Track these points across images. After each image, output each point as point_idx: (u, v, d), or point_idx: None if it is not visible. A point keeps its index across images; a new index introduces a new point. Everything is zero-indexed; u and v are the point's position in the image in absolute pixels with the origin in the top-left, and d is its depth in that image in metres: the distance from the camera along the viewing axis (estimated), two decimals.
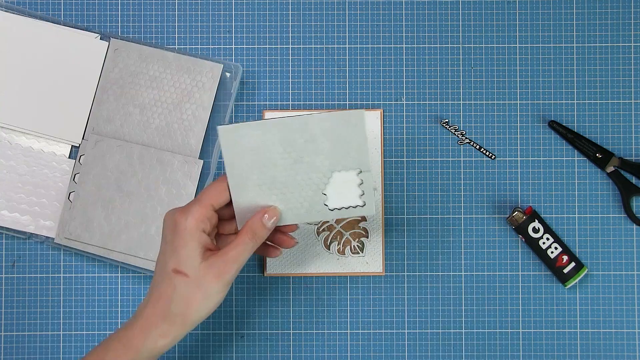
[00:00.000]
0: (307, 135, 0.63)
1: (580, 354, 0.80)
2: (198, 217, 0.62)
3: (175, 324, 0.62)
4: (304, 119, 0.63)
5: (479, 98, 0.81)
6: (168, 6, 0.81)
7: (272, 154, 0.63)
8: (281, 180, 0.64)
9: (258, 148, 0.63)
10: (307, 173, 0.64)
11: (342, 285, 0.80)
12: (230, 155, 0.63)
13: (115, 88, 0.79)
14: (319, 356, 0.80)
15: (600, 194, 0.80)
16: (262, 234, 0.64)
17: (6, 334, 0.80)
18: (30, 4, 0.81)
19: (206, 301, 0.62)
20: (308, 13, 0.81)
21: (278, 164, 0.64)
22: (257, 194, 0.64)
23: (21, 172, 0.79)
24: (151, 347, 0.62)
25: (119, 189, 0.78)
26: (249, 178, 0.64)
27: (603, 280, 0.80)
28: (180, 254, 0.62)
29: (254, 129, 0.63)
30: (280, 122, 0.63)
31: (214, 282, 0.61)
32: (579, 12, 0.81)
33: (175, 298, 0.62)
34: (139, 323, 0.63)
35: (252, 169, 0.64)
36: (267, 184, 0.64)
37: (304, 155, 0.64)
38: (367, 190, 0.65)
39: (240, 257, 0.62)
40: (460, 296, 0.80)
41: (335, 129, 0.63)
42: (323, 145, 0.63)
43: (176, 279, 0.62)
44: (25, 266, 0.80)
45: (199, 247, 0.62)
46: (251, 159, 0.63)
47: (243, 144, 0.63)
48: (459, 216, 0.80)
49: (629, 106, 0.81)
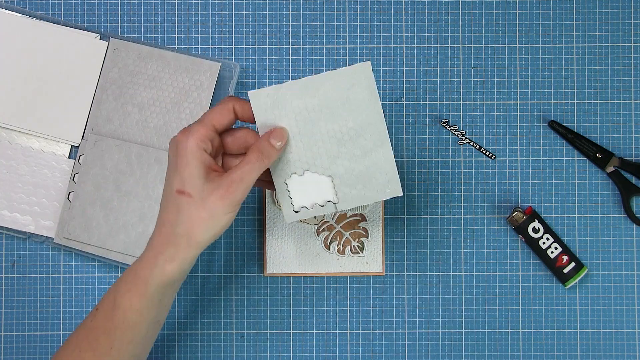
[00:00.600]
0: (322, 97, 0.63)
1: (580, 354, 0.79)
2: (199, 136, 0.60)
3: (181, 246, 0.61)
4: (315, 78, 0.62)
5: (479, 98, 0.81)
6: (168, 6, 0.81)
7: (294, 121, 0.63)
8: (308, 152, 0.64)
9: (282, 110, 0.63)
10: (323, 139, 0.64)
11: (342, 285, 0.80)
12: (261, 118, 0.63)
13: (115, 88, 0.79)
14: (319, 356, 0.80)
15: (600, 194, 0.80)
16: (270, 154, 0.62)
17: (6, 334, 0.80)
18: (30, 4, 0.81)
19: (212, 221, 0.60)
20: (308, 13, 0.81)
21: (300, 128, 0.63)
22: (286, 164, 0.64)
23: (21, 172, 0.79)
24: (159, 274, 0.61)
25: (118, 188, 0.78)
26: (283, 154, 0.64)
27: (603, 280, 0.80)
28: (183, 174, 0.60)
29: (274, 91, 0.62)
30: (292, 84, 0.63)
31: (219, 202, 0.60)
32: (579, 12, 0.81)
33: (180, 219, 0.60)
34: (146, 252, 0.62)
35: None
36: (293, 153, 0.64)
37: (320, 119, 0.63)
38: (389, 165, 0.64)
39: (246, 176, 0.60)
40: (460, 296, 0.80)
41: (344, 89, 0.63)
42: (336, 107, 0.63)
43: (180, 199, 0.60)
44: (25, 266, 0.80)
45: (202, 167, 0.60)
46: (277, 121, 0.63)
47: (270, 107, 0.63)
48: (459, 216, 0.80)
49: (629, 106, 0.80)
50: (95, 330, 0.64)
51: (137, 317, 0.63)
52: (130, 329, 0.63)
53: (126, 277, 0.63)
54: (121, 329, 0.63)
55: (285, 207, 0.65)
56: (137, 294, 0.62)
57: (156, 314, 0.64)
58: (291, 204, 0.65)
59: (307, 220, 0.79)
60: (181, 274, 0.63)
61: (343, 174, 0.64)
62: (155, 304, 0.63)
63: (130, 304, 0.62)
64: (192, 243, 0.61)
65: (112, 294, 0.64)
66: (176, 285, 0.64)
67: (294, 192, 0.65)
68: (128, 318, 0.63)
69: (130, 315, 0.63)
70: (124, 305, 0.62)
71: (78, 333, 0.65)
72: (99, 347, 0.64)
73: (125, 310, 0.63)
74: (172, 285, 0.63)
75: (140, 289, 0.62)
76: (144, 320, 0.63)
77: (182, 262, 0.61)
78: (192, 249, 0.61)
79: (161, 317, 0.66)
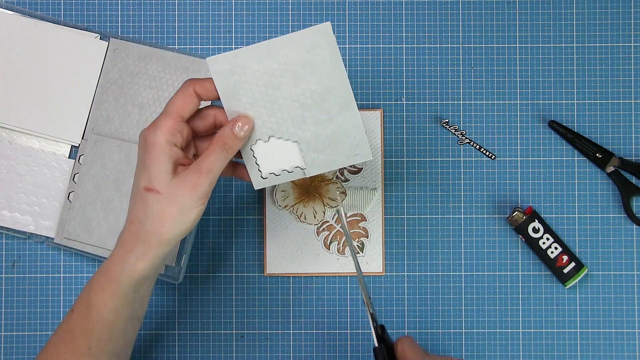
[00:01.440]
0: (282, 61, 0.61)
1: (580, 354, 0.79)
2: (166, 130, 0.59)
3: (151, 244, 0.60)
4: (274, 42, 0.60)
5: (479, 98, 0.81)
6: (168, 6, 0.81)
7: (255, 87, 0.62)
8: (272, 118, 0.63)
9: (242, 76, 0.61)
10: (286, 105, 0.63)
11: (342, 285, 0.80)
12: (222, 85, 0.61)
13: (115, 88, 0.79)
14: (319, 356, 0.80)
15: (600, 194, 0.80)
16: (233, 144, 0.61)
17: (6, 334, 0.80)
18: (30, 4, 0.81)
19: (181, 216, 0.59)
20: (308, 13, 0.81)
21: (262, 93, 0.62)
22: (255, 136, 0.63)
23: (21, 172, 0.79)
24: (130, 272, 0.61)
25: (118, 188, 0.78)
26: (239, 102, 0.62)
27: (603, 280, 0.80)
28: (150, 171, 0.59)
29: (233, 57, 0.61)
30: (252, 48, 0.61)
31: (187, 195, 0.59)
32: (579, 12, 0.81)
33: (148, 216, 0.59)
34: (116, 250, 0.62)
35: (240, 96, 0.62)
36: (262, 124, 0.63)
37: (282, 84, 0.62)
38: (357, 128, 0.63)
39: (212, 167, 0.59)
40: (460, 296, 0.80)
41: (305, 51, 0.61)
42: (297, 71, 0.61)
43: (148, 196, 0.59)
44: (25, 266, 0.80)
45: (170, 162, 0.59)
46: (238, 87, 0.62)
47: (229, 72, 0.61)
48: (459, 216, 0.80)
49: (629, 106, 0.81)
50: (72, 331, 0.64)
51: (112, 315, 0.62)
52: (107, 328, 0.63)
53: (98, 276, 0.62)
54: (98, 328, 0.63)
55: (253, 174, 0.64)
56: (110, 293, 0.62)
57: (132, 311, 0.64)
58: (259, 171, 0.64)
59: (307, 220, 0.79)
60: (153, 270, 0.62)
61: (310, 139, 0.63)
62: (130, 301, 0.62)
63: (105, 303, 0.62)
64: (163, 240, 0.60)
65: (86, 294, 0.63)
66: (149, 280, 0.63)
67: (260, 158, 0.64)
68: (104, 317, 0.62)
69: (105, 315, 0.62)
70: (99, 304, 0.62)
71: (56, 335, 0.65)
72: (76, 347, 0.63)
73: (100, 310, 0.62)
74: (145, 281, 0.63)
75: (113, 288, 0.61)
76: (120, 319, 0.63)
77: (154, 259, 0.61)
78: (163, 246, 0.60)
79: (138, 312, 0.65)
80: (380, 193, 0.80)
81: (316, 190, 0.79)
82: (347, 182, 0.80)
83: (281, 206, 0.79)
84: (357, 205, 0.79)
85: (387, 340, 0.64)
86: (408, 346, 0.62)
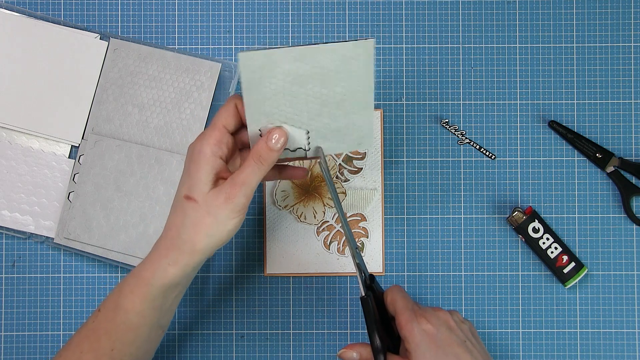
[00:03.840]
0: (316, 65, 0.61)
1: (580, 354, 0.79)
2: (212, 141, 0.61)
3: (185, 252, 0.61)
4: (314, 49, 0.60)
5: (479, 98, 0.81)
6: (168, 6, 0.81)
7: (281, 82, 0.61)
8: (290, 109, 0.63)
9: (271, 72, 0.61)
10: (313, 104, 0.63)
11: (342, 285, 0.80)
12: (247, 77, 0.61)
13: (115, 88, 0.79)
14: (319, 356, 0.80)
15: (600, 194, 0.80)
16: (268, 157, 0.61)
17: (6, 334, 0.80)
18: (30, 4, 0.81)
19: (216, 227, 0.61)
20: (308, 13, 0.81)
21: (286, 89, 0.62)
22: (265, 116, 0.63)
23: (21, 172, 0.79)
24: (161, 276, 0.62)
25: (118, 188, 0.78)
26: (259, 101, 0.62)
27: (603, 280, 0.80)
28: (192, 179, 0.61)
29: (266, 56, 0.60)
30: (289, 50, 0.60)
31: (222, 206, 0.60)
32: (579, 12, 0.81)
33: (185, 224, 0.61)
34: (150, 255, 0.63)
35: (263, 88, 0.61)
36: (278, 113, 0.63)
37: (309, 83, 0.61)
38: (367, 126, 0.64)
39: (246, 180, 0.60)
40: (460, 296, 0.80)
41: (341, 60, 0.61)
42: (328, 75, 0.61)
43: (187, 205, 0.61)
44: (25, 266, 0.80)
45: (212, 173, 0.61)
46: (263, 80, 0.61)
47: (259, 68, 0.60)
48: (459, 216, 0.80)
49: (629, 106, 0.81)
50: (97, 331, 0.64)
51: (138, 318, 0.63)
52: (131, 331, 0.63)
53: (129, 278, 0.63)
54: (123, 330, 0.63)
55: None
56: (139, 295, 0.62)
57: (158, 317, 0.64)
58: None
59: (307, 220, 0.79)
60: (184, 278, 0.63)
61: (320, 129, 0.64)
62: (157, 306, 0.63)
63: (133, 305, 0.63)
64: (196, 249, 0.61)
65: (115, 295, 0.64)
66: (179, 289, 0.64)
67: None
68: (130, 319, 0.63)
69: (132, 317, 0.63)
70: (126, 306, 0.63)
71: (80, 333, 0.65)
72: (100, 348, 0.64)
73: (127, 311, 0.63)
74: (175, 289, 0.63)
75: (143, 291, 0.62)
76: (145, 323, 0.64)
77: (185, 267, 0.62)
78: (196, 255, 0.61)
79: (163, 321, 0.66)
80: (380, 193, 0.80)
81: (316, 190, 0.79)
82: (347, 182, 0.80)
83: (281, 206, 0.79)
84: (357, 205, 0.79)
85: (376, 290, 0.64)
86: (398, 296, 0.63)
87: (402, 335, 0.61)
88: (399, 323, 0.61)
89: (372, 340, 0.62)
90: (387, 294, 0.64)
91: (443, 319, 0.62)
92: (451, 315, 0.64)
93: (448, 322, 0.62)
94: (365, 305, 0.63)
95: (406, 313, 0.61)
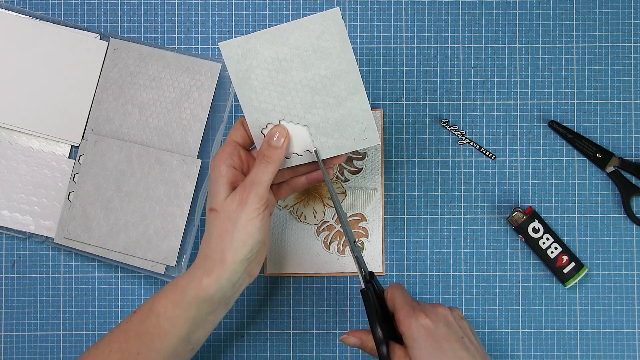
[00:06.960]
0: (292, 46, 0.64)
1: (580, 354, 0.80)
2: (224, 155, 0.65)
3: (215, 260, 0.63)
4: (284, 26, 0.63)
5: (479, 98, 0.81)
6: (168, 6, 0.81)
7: (266, 71, 0.65)
8: (283, 102, 0.65)
9: (254, 61, 0.64)
10: (298, 91, 0.65)
11: (342, 285, 0.80)
12: (234, 69, 0.65)
13: (115, 88, 0.79)
14: (319, 356, 0.80)
15: (600, 194, 0.80)
16: (273, 155, 0.64)
17: (6, 334, 0.80)
18: (30, 4, 0.81)
19: (238, 232, 0.62)
20: (308, 13, 0.81)
21: (273, 78, 0.65)
22: (262, 114, 0.66)
23: (21, 172, 0.79)
24: (195, 285, 0.63)
25: (118, 188, 0.78)
26: (252, 98, 0.65)
27: (603, 280, 0.80)
28: (211, 192, 0.65)
29: (245, 41, 0.63)
30: (264, 33, 0.63)
31: (238, 210, 0.63)
32: (579, 12, 0.81)
33: (211, 234, 0.64)
34: (190, 267, 0.65)
35: (252, 80, 0.65)
36: (273, 108, 0.66)
37: (292, 68, 0.64)
38: (365, 113, 0.65)
39: (255, 179, 0.63)
40: (460, 296, 0.80)
41: (315, 38, 0.63)
42: (307, 56, 0.64)
43: (211, 216, 0.64)
44: (25, 266, 0.80)
45: (227, 183, 0.64)
46: (250, 72, 0.65)
47: (241, 57, 0.64)
48: (459, 216, 0.80)
49: (629, 106, 0.81)
50: (128, 332, 0.65)
51: (169, 325, 0.64)
52: (159, 337, 0.64)
53: (167, 285, 0.66)
54: (152, 334, 0.64)
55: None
56: (172, 301, 0.64)
57: (189, 330, 0.64)
58: None
59: (307, 220, 0.79)
60: (218, 292, 0.63)
61: (319, 123, 0.66)
62: (190, 317, 0.64)
63: (165, 309, 0.64)
64: (225, 257, 0.63)
65: (151, 299, 0.66)
66: (214, 305, 0.64)
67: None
68: (160, 324, 0.64)
69: (162, 322, 0.64)
70: (159, 309, 0.64)
71: (112, 333, 0.67)
72: (128, 349, 0.65)
73: (158, 315, 0.64)
74: (209, 303, 0.64)
75: (177, 297, 0.64)
76: (175, 331, 0.64)
77: (219, 278, 0.63)
78: (226, 264, 0.63)
79: (194, 337, 0.66)
80: (380, 193, 0.80)
81: (316, 190, 0.79)
82: (347, 182, 0.80)
83: (281, 206, 0.79)
84: (357, 205, 0.79)
85: (375, 287, 0.65)
86: (397, 292, 0.64)
87: (400, 331, 0.62)
88: (397, 318, 0.62)
89: (373, 331, 0.62)
90: (387, 291, 0.65)
91: (442, 315, 0.63)
92: (451, 311, 0.64)
93: (446, 318, 0.63)
94: (366, 297, 0.63)
95: (405, 308, 0.62)
